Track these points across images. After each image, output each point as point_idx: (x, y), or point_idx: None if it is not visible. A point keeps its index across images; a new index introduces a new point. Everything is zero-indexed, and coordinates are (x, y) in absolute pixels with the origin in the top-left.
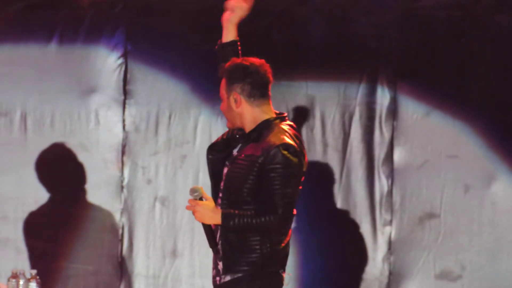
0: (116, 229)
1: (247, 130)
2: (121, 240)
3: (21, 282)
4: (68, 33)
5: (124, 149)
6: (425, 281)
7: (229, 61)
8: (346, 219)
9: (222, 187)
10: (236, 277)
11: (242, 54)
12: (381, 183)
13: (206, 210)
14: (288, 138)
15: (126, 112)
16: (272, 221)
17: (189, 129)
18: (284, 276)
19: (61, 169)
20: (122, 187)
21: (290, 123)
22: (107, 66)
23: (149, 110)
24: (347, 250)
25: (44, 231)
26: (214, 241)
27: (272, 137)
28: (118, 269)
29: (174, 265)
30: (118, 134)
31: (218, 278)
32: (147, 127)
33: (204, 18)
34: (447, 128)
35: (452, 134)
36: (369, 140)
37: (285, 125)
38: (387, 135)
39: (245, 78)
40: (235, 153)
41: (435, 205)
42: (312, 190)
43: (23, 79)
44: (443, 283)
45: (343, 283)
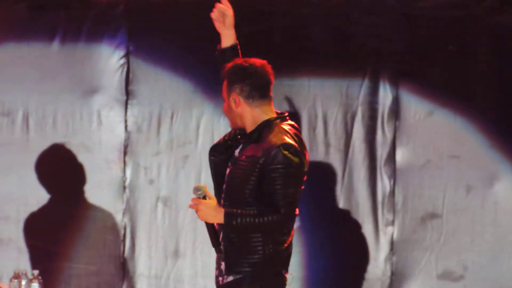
0: (118, 229)
1: (248, 130)
2: (123, 240)
3: (23, 282)
4: (70, 33)
5: (126, 149)
6: (427, 281)
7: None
8: (348, 219)
9: (224, 188)
10: (238, 277)
11: (244, 55)
12: (383, 183)
13: (209, 209)
14: (288, 138)
15: (128, 112)
16: (275, 221)
17: (191, 129)
18: (287, 276)
19: (63, 170)
20: (124, 187)
21: (291, 122)
22: (109, 66)
23: (151, 110)
24: (349, 250)
25: (46, 231)
26: (217, 241)
27: (273, 137)
28: (120, 269)
29: (176, 265)
30: (120, 134)
31: (221, 278)
32: (149, 127)
33: (206, 18)
34: (449, 128)
35: (454, 134)
36: (371, 140)
37: (285, 125)
38: (389, 135)
39: (245, 79)
40: (237, 153)
41: (437, 205)
42: (314, 190)
43: (25, 79)
44: (445, 283)
45: (345, 283)
